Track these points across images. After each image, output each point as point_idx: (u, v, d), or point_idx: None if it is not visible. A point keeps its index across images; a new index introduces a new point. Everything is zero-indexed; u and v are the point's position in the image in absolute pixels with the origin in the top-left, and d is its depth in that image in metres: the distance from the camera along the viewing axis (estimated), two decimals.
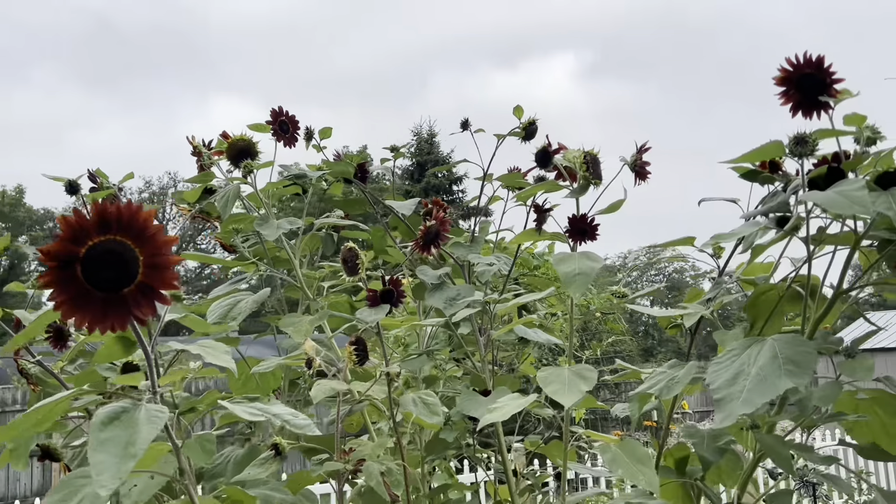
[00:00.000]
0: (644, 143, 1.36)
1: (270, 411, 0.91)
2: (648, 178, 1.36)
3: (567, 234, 1.34)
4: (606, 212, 1.34)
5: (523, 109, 1.68)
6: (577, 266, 1.22)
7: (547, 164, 1.49)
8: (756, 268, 1.43)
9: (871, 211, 0.98)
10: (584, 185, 1.33)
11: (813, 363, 1.02)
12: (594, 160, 1.31)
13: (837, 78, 1.14)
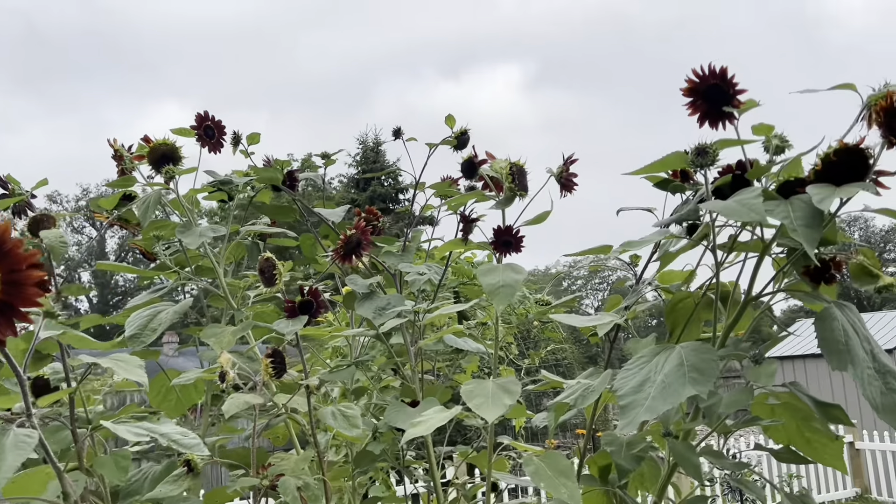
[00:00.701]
0: (570, 155, 1.37)
1: (158, 431, 0.89)
2: (575, 189, 1.38)
3: (492, 246, 1.34)
4: (533, 223, 1.35)
5: (455, 119, 1.68)
6: (501, 278, 1.23)
7: (472, 175, 1.50)
8: (674, 275, 1.45)
9: (764, 219, 1.01)
10: (509, 196, 1.33)
11: (716, 371, 1.04)
12: (520, 171, 1.32)
13: (741, 89, 1.17)
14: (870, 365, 1.03)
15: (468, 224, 1.56)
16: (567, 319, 1.32)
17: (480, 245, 1.61)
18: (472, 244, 1.53)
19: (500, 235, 1.33)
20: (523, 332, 6.02)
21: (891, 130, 1.03)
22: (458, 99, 68.63)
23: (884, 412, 1.01)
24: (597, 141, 61.62)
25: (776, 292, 1.25)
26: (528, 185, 1.34)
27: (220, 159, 1.70)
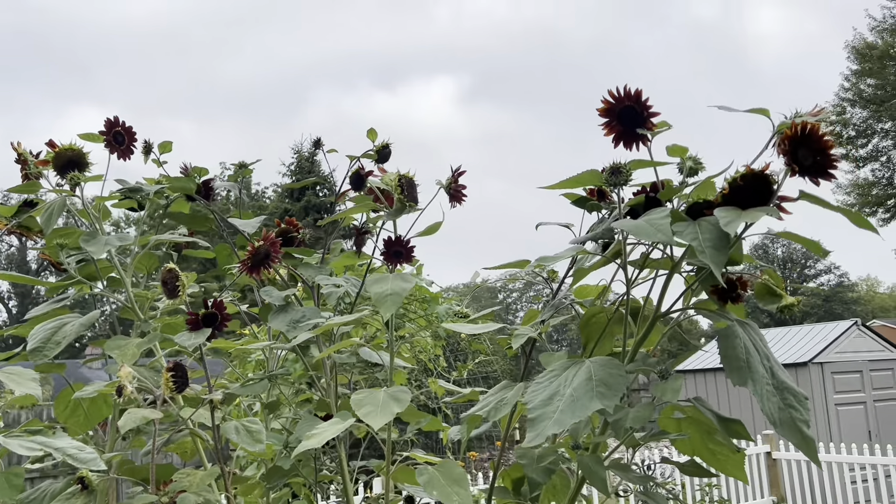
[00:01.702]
0: (458, 167, 1.38)
1: (53, 445, 0.85)
2: (464, 200, 1.39)
3: (383, 256, 1.34)
4: (425, 234, 1.35)
5: (377, 133, 1.67)
6: (390, 287, 1.23)
7: (361, 187, 1.50)
8: (589, 290, 1.48)
9: (671, 239, 1.03)
10: (399, 207, 1.34)
11: (623, 385, 1.05)
12: (410, 183, 1.33)
13: (654, 112, 1.20)
14: (769, 381, 1.06)
15: (361, 236, 1.56)
16: (457, 328, 1.33)
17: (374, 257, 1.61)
18: (365, 255, 1.53)
19: (391, 246, 1.34)
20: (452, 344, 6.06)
21: (794, 159, 1.06)
22: (394, 110, 68.83)
23: (781, 427, 1.04)
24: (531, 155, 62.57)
25: (685, 309, 1.28)
26: (417, 197, 1.35)
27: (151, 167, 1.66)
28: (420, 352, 4.07)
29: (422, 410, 5.49)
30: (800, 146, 1.06)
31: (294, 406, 1.87)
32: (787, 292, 1.39)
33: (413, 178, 1.33)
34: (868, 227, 1.08)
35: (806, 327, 10.65)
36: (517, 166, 61.62)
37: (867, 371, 9.78)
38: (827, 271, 44.67)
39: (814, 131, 1.06)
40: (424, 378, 6.10)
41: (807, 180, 1.07)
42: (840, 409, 9.47)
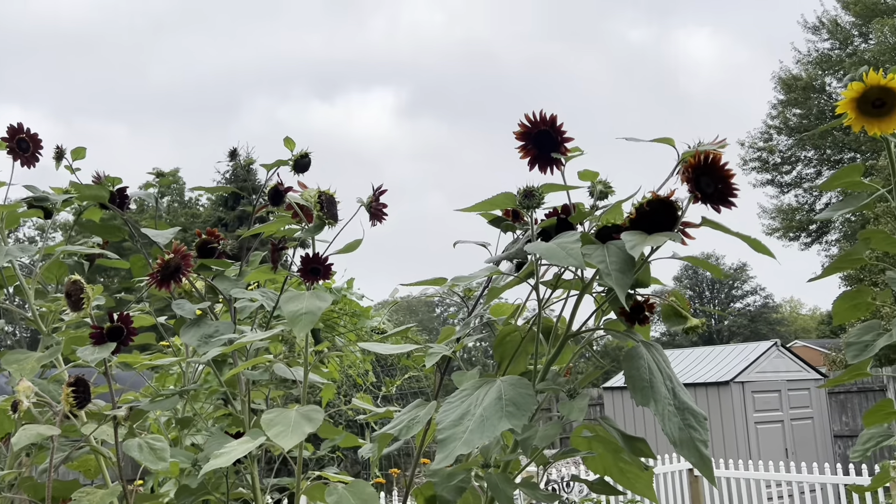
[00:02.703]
0: (380, 185, 1.39)
1: None
2: (385, 218, 1.39)
3: (299, 273, 1.33)
4: (344, 251, 1.35)
5: (294, 142, 1.66)
6: (305, 305, 1.22)
7: (278, 203, 1.49)
8: (505, 308, 1.49)
9: (581, 263, 1.05)
10: (318, 224, 1.33)
11: (532, 405, 1.07)
12: (330, 200, 1.33)
13: (568, 137, 1.22)
14: (671, 402, 1.09)
15: (276, 252, 1.55)
16: (372, 347, 1.33)
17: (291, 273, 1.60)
18: (282, 272, 1.51)
19: (309, 263, 1.33)
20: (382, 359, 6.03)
21: (697, 187, 1.10)
22: (332, 121, 68.54)
23: (680, 446, 1.07)
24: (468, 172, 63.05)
25: (594, 329, 1.31)
26: (337, 214, 1.34)
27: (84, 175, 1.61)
28: (349, 367, 4.04)
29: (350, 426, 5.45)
30: (702, 175, 1.10)
31: (213, 422, 1.83)
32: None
33: (333, 195, 1.33)
34: (766, 252, 1.13)
35: (729, 347, 10.99)
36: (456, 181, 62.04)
37: (785, 391, 10.15)
38: (753, 292, 46.17)
39: (716, 161, 1.10)
40: (354, 393, 6.06)
41: (708, 207, 1.11)
42: (759, 428, 9.78)
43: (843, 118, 1.69)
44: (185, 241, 1.71)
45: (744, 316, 45.38)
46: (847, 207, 1.94)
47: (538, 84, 68.56)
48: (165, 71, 61.13)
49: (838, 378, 1.96)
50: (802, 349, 27.34)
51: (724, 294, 46.38)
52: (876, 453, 8.36)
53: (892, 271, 1.82)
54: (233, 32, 61.64)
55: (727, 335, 43.69)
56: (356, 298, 3.54)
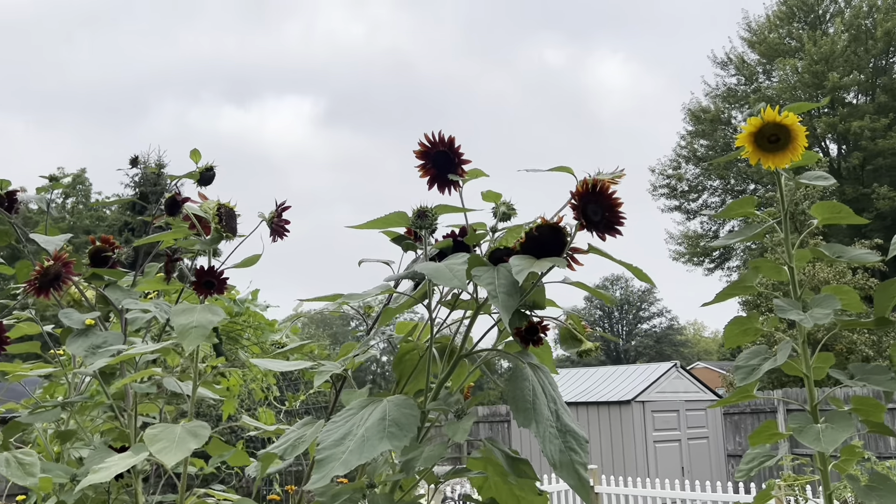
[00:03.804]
0: (283, 202, 1.38)
1: None
2: (286, 234, 1.39)
3: (193, 287, 1.31)
4: (242, 265, 1.34)
5: (200, 153, 1.63)
6: (196, 319, 1.20)
7: (175, 213, 1.46)
8: (407, 327, 1.50)
9: (464, 285, 1.07)
10: (216, 237, 1.31)
11: (415, 425, 1.08)
12: (229, 213, 1.31)
13: (465, 159, 1.25)
14: (553, 424, 1.12)
15: (170, 263, 1.52)
16: (263, 363, 1.31)
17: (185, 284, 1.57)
18: (175, 283, 1.48)
19: (203, 276, 1.31)
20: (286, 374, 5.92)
21: (584, 214, 1.14)
22: (244, 127, 67.34)
23: (561, 469, 1.09)
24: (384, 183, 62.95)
25: (490, 350, 1.33)
26: (236, 228, 1.33)
27: None
28: (252, 380, 3.95)
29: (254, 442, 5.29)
30: (589, 203, 1.14)
31: (100, 435, 1.76)
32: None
33: (233, 209, 1.31)
34: (646, 279, 1.18)
35: (631, 367, 11.33)
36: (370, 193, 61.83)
37: (683, 410, 10.52)
38: (659, 314, 47.72)
39: (603, 189, 1.14)
40: (258, 408, 5.92)
41: (594, 235, 1.15)
42: (658, 446, 10.10)
43: (741, 151, 1.78)
44: (83, 247, 1.65)
45: (650, 337, 46.82)
46: (740, 237, 2.04)
47: (455, 99, 69.36)
48: (77, 68, 58.82)
49: (726, 399, 2.05)
50: (704, 370, 28.43)
51: (633, 315, 47.78)
52: (765, 472, 8.75)
53: (780, 299, 1.92)
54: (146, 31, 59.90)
55: (634, 355, 44.98)
56: (261, 311, 3.47)
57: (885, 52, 28.56)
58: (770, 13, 30.95)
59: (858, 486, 1.77)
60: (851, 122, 27.59)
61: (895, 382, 1.81)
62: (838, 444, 1.69)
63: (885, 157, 27.17)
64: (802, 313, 1.81)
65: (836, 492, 6.02)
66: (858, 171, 28.61)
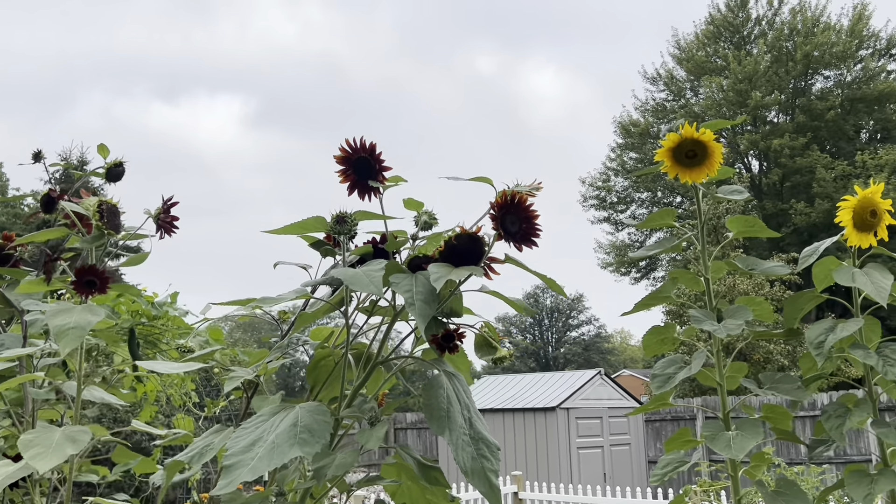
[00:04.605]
0: (170, 198, 1.35)
1: None
2: (175, 231, 1.36)
3: (73, 286, 1.26)
4: (128, 264, 1.30)
5: (108, 149, 1.58)
6: (75, 319, 1.16)
7: (51, 210, 1.42)
8: (323, 333, 1.48)
9: (380, 291, 1.07)
10: (97, 234, 1.28)
11: (328, 432, 1.06)
12: (112, 210, 1.28)
13: (386, 166, 1.24)
14: (466, 432, 1.12)
15: (50, 263, 1.47)
16: (153, 366, 1.28)
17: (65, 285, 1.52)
18: (56, 283, 1.44)
19: (84, 275, 1.26)
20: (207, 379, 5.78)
21: (501, 225, 1.15)
22: (174, 124, 65.75)
23: (472, 476, 1.10)
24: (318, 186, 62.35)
25: (406, 357, 1.33)
26: (119, 225, 1.30)
27: None
28: (170, 385, 3.85)
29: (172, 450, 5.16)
30: (508, 214, 1.15)
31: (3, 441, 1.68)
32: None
33: (116, 206, 1.27)
34: (559, 290, 1.19)
35: (557, 374, 11.51)
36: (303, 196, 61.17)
37: (606, 417, 10.74)
38: (588, 322, 48.60)
39: (521, 201, 1.15)
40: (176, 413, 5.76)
41: (511, 245, 1.16)
42: (581, 452, 10.28)
43: (661, 165, 1.83)
44: None
45: (578, 344, 47.64)
46: (658, 248, 2.10)
47: (388, 103, 69.33)
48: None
49: (644, 407, 2.09)
50: (629, 378, 29.08)
51: (562, 323, 48.54)
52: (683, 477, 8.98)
53: (695, 310, 1.97)
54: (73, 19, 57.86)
55: (563, 362, 45.70)
56: (180, 314, 3.38)
57: (804, 74, 29.86)
58: (698, 32, 32.00)
59: (766, 491, 1.84)
60: (772, 140, 28.74)
61: (802, 391, 1.88)
62: (747, 450, 1.75)
63: (802, 174, 28.38)
64: (716, 324, 1.87)
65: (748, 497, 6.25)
66: (778, 187, 29.81)
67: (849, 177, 26.20)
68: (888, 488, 1.75)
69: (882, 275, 1.75)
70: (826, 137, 29.54)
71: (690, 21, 49.74)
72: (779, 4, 30.75)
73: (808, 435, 10.53)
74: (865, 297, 1.78)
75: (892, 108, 28.92)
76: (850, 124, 29.68)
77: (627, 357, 47.06)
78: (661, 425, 12.26)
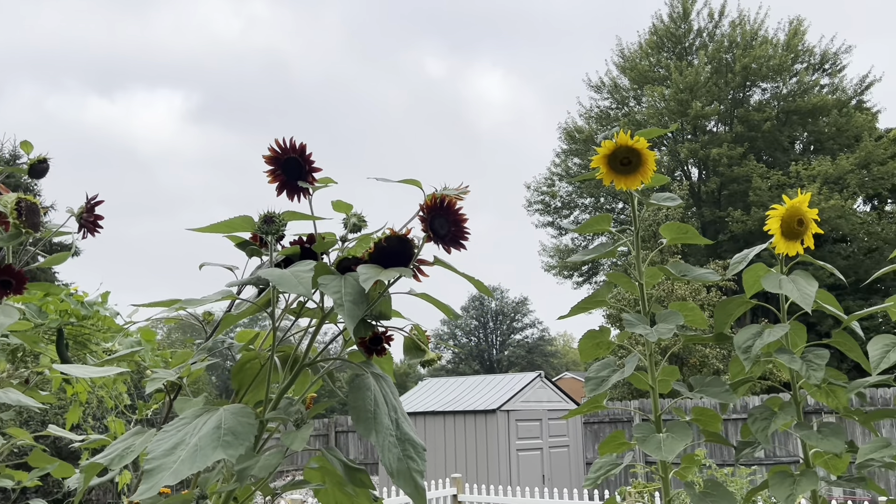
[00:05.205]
0: (94, 196, 1.32)
1: None
2: (99, 231, 1.33)
3: None
4: (47, 264, 1.27)
5: (32, 145, 1.53)
6: None
7: None
8: (248, 335, 1.46)
9: (309, 292, 1.06)
10: (14, 233, 1.24)
11: (252, 433, 1.05)
12: (31, 208, 1.24)
13: (316, 167, 1.24)
14: (392, 433, 1.12)
15: None
16: (69, 370, 1.25)
17: None
18: None
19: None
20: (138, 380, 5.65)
21: (430, 227, 1.15)
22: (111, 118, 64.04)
23: (398, 477, 1.10)
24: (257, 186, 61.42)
25: (333, 359, 1.32)
26: (38, 224, 1.26)
27: None
28: (101, 387, 3.75)
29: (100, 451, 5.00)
30: (437, 216, 1.16)
31: None
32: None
33: (36, 203, 1.24)
34: (486, 292, 1.21)
35: (498, 377, 11.59)
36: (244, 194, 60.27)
37: (546, 420, 10.86)
38: (532, 325, 49.06)
39: (450, 204, 1.16)
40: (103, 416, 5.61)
41: (440, 247, 1.16)
42: (521, 454, 10.37)
43: (597, 172, 1.86)
44: None
45: (522, 347, 48.06)
46: (595, 253, 2.13)
47: (333, 102, 68.83)
48: None
49: (577, 410, 2.12)
50: (571, 381, 29.45)
51: (507, 326, 48.89)
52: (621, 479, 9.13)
53: (629, 314, 2.01)
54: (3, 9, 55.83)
55: (506, 365, 46.04)
56: (111, 314, 3.30)
57: (743, 86, 30.76)
58: (642, 42, 32.66)
59: (694, 492, 1.88)
60: (711, 150, 29.52)
61: (730, 394, 1.93)
62: (677, 452, 1.79)
63: (739, 183, 29.22)
64: (649, 328, 1.90)
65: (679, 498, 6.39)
66: (716, 195, 30.62)
67: (783, 187, 27.07)
68: (809, 489, 1.80)
69: (807, 282, 1.80)
70: (762, 148, 30.48)
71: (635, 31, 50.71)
72: (719, 17, 31.61)
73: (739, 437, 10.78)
74: (792, 303, 1.84)
75: (825, 121, 29.99)
76: (786, 135, 30.69)
77: (570, 360, 47.66)
78: (599, 427, 12.46)
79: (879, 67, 55.35)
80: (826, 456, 1.92)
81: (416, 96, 71.29)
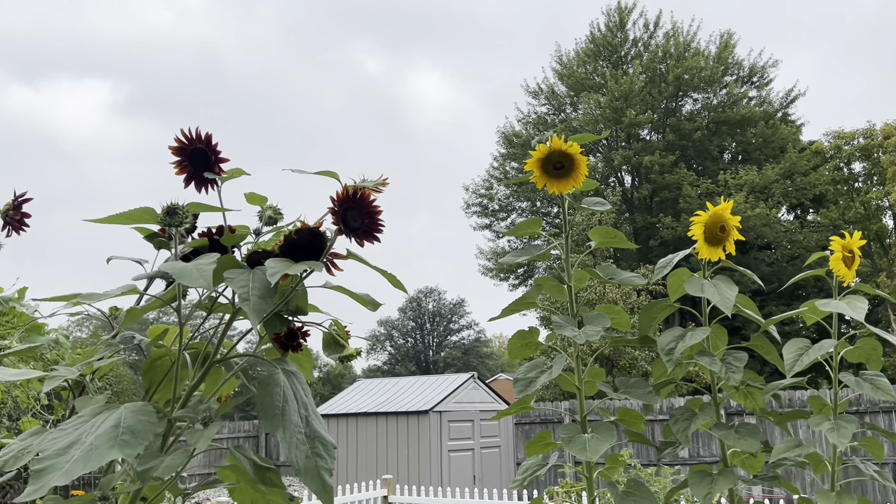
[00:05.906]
0: (23, 193, 1.27)
1: None
2: (25, 229, 1.27)
3: None
4: None
5: None
6: None
7: None
8: (158, 331, 1.42)
9: (210, 285, 1.03)
10: None
11: (152, 432, 1.01)
12: None
13: (223, 158, 1.20)
14: (301, 430, 1.10)
15: None
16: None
17: None
18: None
19: None
20: None
21: (343, 220, 1.13)
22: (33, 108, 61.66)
23: (305, 474, 1.07)
24: None
25: (246, 355, 1.29)
26: None
27: None
28: (15, 387, 3.60)
29: None
30: (349, 209, 1.14)
31: None
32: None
33: None
34: (400, 287, 1.20)
35: (431, 378, 11.60)
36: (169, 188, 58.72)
37: (478, 420, 10.92)
38: (468, 327, 49.27)
39: (364, 197, 1.14)
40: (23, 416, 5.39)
41: (352, 240, 1.14)
42: (452, 455, 10.40)
43: (531, 175, 1.86)
44: None
45: (458, 348, 48.22)
46: (526, 255, 2.13)
47: (267, 97, 67.84)
48: None
49: (506, 411, 2.12)
50: (505, 382, 29.69)
51: (443, 327, 48.98)
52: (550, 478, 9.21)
53: (557, 316, 2.02)
54: None
55: (443, 366, 46.12)
56: (28, 311, 3.16)
57: (675, 96, 31.58)
58: (579, 50, 33.20)
59: (617, 492, 1.90)
60: (644, 157, 30.20)
61: (653, 396, 1.96)
62: (601, 452, 1.80)
63: (670, 190, 29.97)
64: (576, 330, 1.92)
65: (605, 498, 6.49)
66: (648, 201, 31.34)
67: (712, 194, 27.89)
68: (727, 487, 1.85)
69: (728, 286, 1.85)
70: (693, 156, 31.34)
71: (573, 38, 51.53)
72: (654, 28, 32.38)
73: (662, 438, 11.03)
74: (714, 307, 1.88)
75: (752, 132, 31.04)
76: (715, 145, 31.63)
77: (505, 361, 48.04)
78: (530, 428, 12.57)
79: (803, 82, 57.64)
80: (743, 455, 1.97)
81: (353, 93, 70.90)
